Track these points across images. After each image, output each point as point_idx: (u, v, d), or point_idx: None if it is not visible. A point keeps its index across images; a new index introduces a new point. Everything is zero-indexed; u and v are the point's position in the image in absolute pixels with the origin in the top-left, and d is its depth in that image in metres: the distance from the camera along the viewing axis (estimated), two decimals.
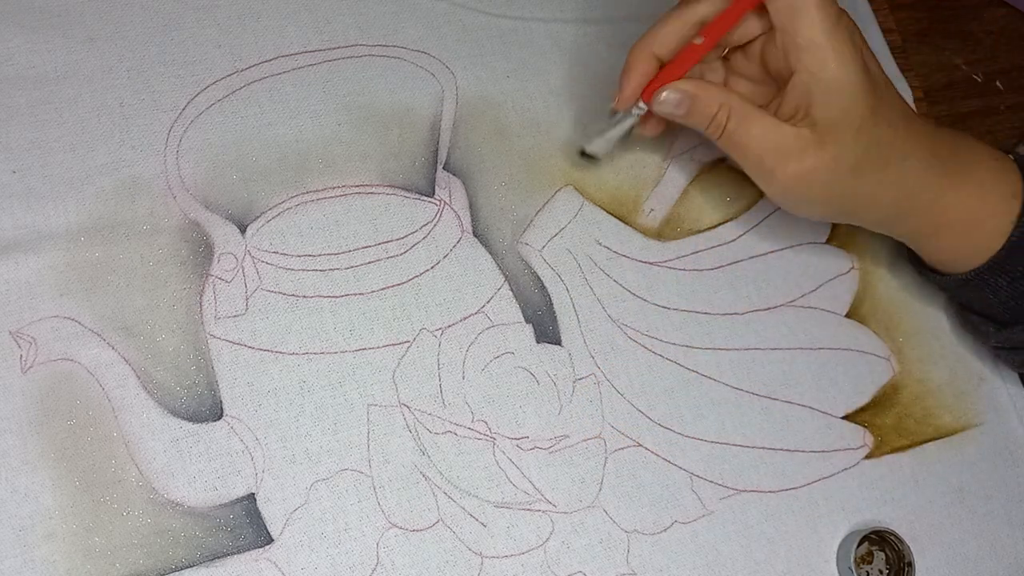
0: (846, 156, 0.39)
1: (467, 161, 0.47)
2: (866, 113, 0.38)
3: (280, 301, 0.42)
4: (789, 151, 0.39)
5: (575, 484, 0.42)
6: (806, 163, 0.39)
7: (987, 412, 0.49)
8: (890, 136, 0.39)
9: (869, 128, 0.38)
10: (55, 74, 0.43)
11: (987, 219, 0.42)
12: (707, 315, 0.47)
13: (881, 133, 0.39)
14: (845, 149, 0.39)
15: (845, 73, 0.37)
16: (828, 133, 0.38)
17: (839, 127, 0.38)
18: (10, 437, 0.37)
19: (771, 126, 0.39)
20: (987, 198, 0.42)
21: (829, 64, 0.38)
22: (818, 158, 0.39)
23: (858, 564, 0.44)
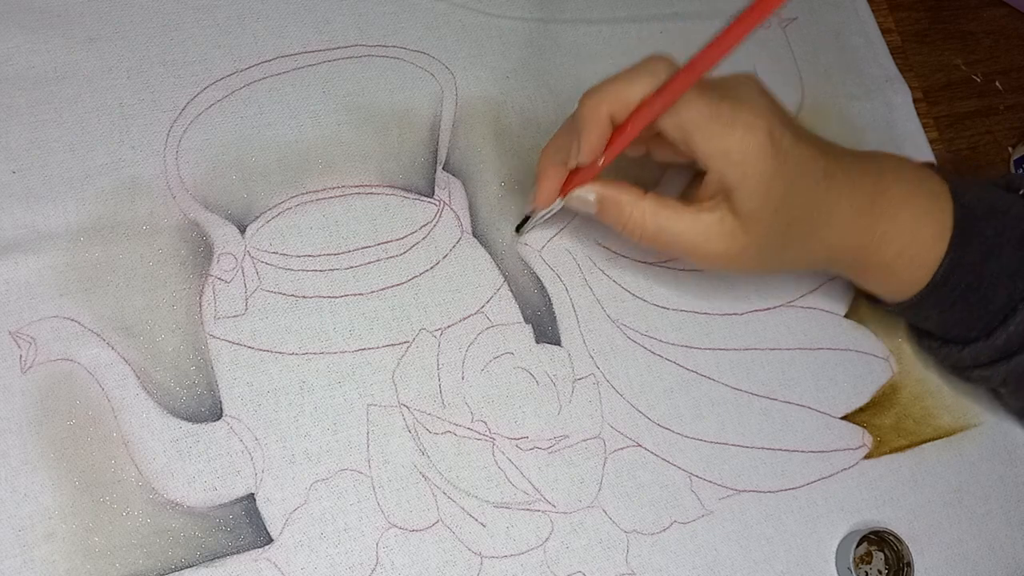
0: (771, 234, 0.39)
1: (467, 161, 0.47)
2: (782, 191, 0.38)
3: (280, 301, 0.42)
4: (716, 236, 0.39)
5: (574, 484, 0.42)
6: (735, 244, 0.39)
7: (986, 413, 0.49)
8: (812, 200, 0.39)
9: (789, 204, 0.38)
10: (55, 74, 0.43)
11: (914, 258, 0.42)
12: (706, 315, 0.47)
13: (802, 203, 0.39)
14: (769, 228, 0.39)
15: (756, 170, 0.37)
16: (749, 219, 0.38)
17: (758, 212, 0.38)
18: (10, 437, 0.37)
19: (692, 219, 0.39)
20: (913, 240, 0.41)
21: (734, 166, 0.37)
22: (746, 239, 0.39)
23: (857, 564, 0.44)
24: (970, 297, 0.42)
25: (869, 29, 0.56)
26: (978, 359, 0.44)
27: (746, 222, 0.38)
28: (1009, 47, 0.61)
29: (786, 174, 0.38)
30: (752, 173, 0.37)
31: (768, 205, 0.38)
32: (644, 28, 0.52)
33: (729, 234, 0.39)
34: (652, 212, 0.40)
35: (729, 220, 0.39)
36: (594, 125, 0.38)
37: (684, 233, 0.39)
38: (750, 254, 0.40)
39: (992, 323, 0.42)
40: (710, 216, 0.39)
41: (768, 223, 0.39)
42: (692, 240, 0.39)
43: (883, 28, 0.57)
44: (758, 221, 0.38)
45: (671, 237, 0.40)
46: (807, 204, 0.39)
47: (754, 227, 0.39)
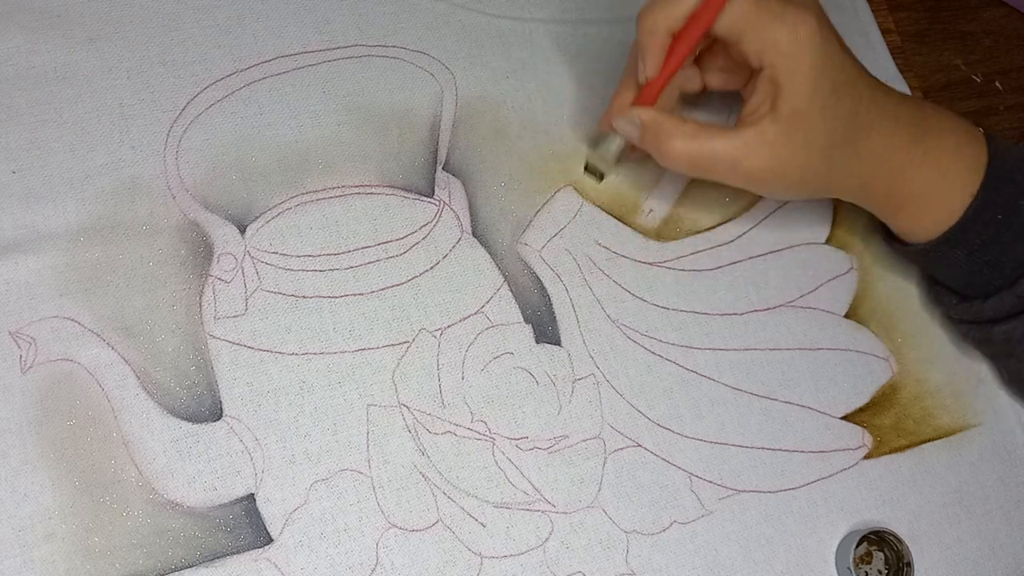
0: (815, 139, 0.39)
1: (467, 161, 0.47)
2: (828, 93, 0.39)
3: (280, 301, 0.42)
4: (758, 149, 0.39)
5: (574, 484, 0.42)
6: (777, 157, 0.39)
7: (986, 413, 0.49)
8: (854, 110, 0.40)
9: (833, 107, 0.39)
10: (55, 74, 0.43)
11: (947, 192, 0.42)
12: (706, 315, 0.47)
13: (845, 109, 0.39)
14: (813, 133, 0.39)
15: (805, 61, 0.38)
16: (794, 122, 0.39)
17: (804, 113, 0.39)
18: (10, 437, 0.37)
19: (731, 136, 0.40)
20: (949, 171, 0.42)
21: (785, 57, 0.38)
22: (788, 148, 0.39)
23: (857, 564, 0.44)
24: (1000, 238, 0.42)
25: (869, 29, 0.56)
26: (1000, 311, 0.43)
27: (788, 127, 0.39)
28: (1009, 47, 0.61)
29: (833, 72, 0.39)
30: (802, 65, 0.38)
31: (815, 103, 0.38)
32: None
33: (771, 145, 0.39)
34: (692, 135, 0.40)
35: (771, 131, 0.39)
36: (654, 40, 0.40)
37: (724, 150, 0.40)
38: (792, 165, 0.40)
39: (1018, 271, 0.42)
40: (751, 131, 0.39)
41: (811, 127, 0.39)
42: (733, 156, 0.40)
43: (883, 28, 0.57)
44: (801, 124, 0.39)
45: (711, 156, 0.40)
46: (850, 113, 0.39)
47: (797, 133, 0.39)
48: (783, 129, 0.39)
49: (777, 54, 0.38)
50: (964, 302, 0.46)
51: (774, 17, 0.38)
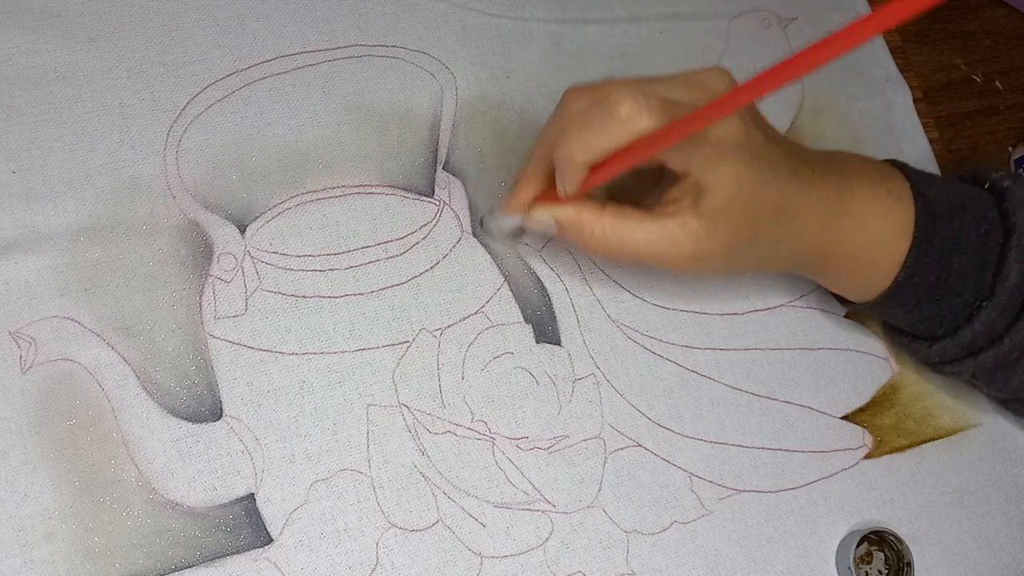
0: (738, 232, 0.39)
1: (467, 161, 0.47)
2: (752, 191, 0.38)
3: (280, 301, 0.42)
4: (681, 241, 0.39)
5: (574, 484, 0.42)
6: (701, 246, 0.39)
7: (985, 413, 0.49)
8: (779, 199, 0.39)
9: (757, 202, 0.38)
10: (55, 74, 0.43)
11: (877, 258, 0.42)
12: (706, 315, 0.47)
13: (769, 201, 0.39)
14: (736, 227, 0.39)
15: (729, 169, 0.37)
16: (716, 219, 0.38)
17: (727, 211, 0.38)
18: (10, 437, 0.37)
19: (655, 227, 0.39)
20: (876, 238, 0.41)
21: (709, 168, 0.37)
22: (711, 240, 0.39)
23: (857, 564, 0.44)
24: (935, 294, 0.42)
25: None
26: (946, 356, 0.44)
27: (711, 223, 0.38)
28: (1009, 47, 0.61)
29: (757, 173, 0.38)
30: (727, 173, 0.37)
31: (737, 204, 0.38)
32: (644, 28, 0.52)
33: (693, 238, 0.39)
34: (612, 227, 0.39)
35: (693, 224, 0.38)
36: (570, 171, 0.38)
37: (648, 243, 0.39)
38: (716, 255, 0.39)
39: (958, 320, 0.42)
40: (672, 222, 0.39)
41: (735, 223, 0.38)
42: (657, 248, 0.39)
43: None
44: (725, 221, 0.38)
45: (635, 248, 0.39)
46: (775, 203, 0.39)
47: (720, 227, 0.38)
48: (706, 223, 0.38)
49: (702, 166, 0.38)
50: (914, 342, 0.46)
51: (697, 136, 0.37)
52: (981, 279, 0.41)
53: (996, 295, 0.41)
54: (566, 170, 0.39)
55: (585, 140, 0.37)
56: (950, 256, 0.41)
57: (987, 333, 0.42)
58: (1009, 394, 0.45)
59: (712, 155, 0.37)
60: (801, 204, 0.40)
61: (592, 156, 0.38)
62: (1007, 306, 0.41)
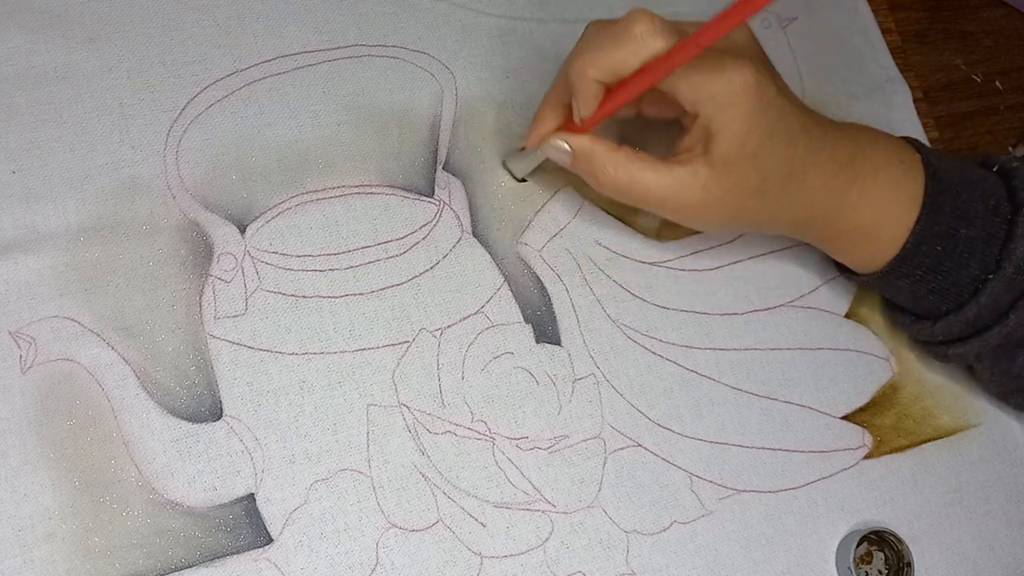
0: (746, 183, 0.39)
1: (467, 161, 0.47)
2: (761, 141, 0.38)
3: (280, 301, 0.42)
4: (688, 188, 0.39)
5: (574, 484, 0.42)
6: (708, 195, 0.39)
7: (985, 412, 0.49)
8: (788, 155, 0.39)
9: (766, 153, 0.39)
10: (55, 74, 0.43)
11: (885, 227, 0.42)
12: (706, 315, 0.47)
13: (779, 154, 0.39)
14: (744, 177, 0.39)
15: (739, 113, 0.38)
16: (725, 167, 0.39)
17: (736, 160, 0.38)
18: (10, 437, 0.37)
19: (665, 171, 0.39)
20: (885, 207, 0.42)
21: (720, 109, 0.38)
22: (720, 189, 0.39)
23: (857, 564, 0.44)
24: (941, 267, 0.42)
25: (869, 29, 0.56)
26: (950, 334, 0.43)
27: (721, 171, 0.39)
28: (1009, 47, 0.61)
29: (767, 122, 0.38)
30: (736, 116, 0.38)
31: (746, 150, 0.38)
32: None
33: (702, 186, 0.39)
34: (624, 165, 0.40)
35: (703, 172, 0.39)
36: (584, 89, 0.39)
37: (655, 185, 0.40)
38: (724, 204, 0.40)
39: (963, 296, 0.42)
40: (683, 169, 0.39)
41: (743, 172, 0.39)
42: (663, 192, 0.40)
43: (883, 28, 0.57)
44: (733, 169, 0.39)
45: (642, 189, 0.40)
46: (784, 157, 0.39)
47: (729, 176, 0.39)
48: (715, 172, 0.39)
49: (712, 105, 0.38)
50: (918, 322, 0.46)
51: (710, 71, 0.38)
52: (988, 252, 0.41)
53: (1003, 268, 0.41)
54: (580, 89, 0.39)
55: (598, 57, 0.38)
56: (958, 227, 0.41)
57: (993, 308, 0.41)
58: (1011, 380, 0.44)
59: (722, 94, 0.38)
60: (811, 163, 0.40)
61: (605, 74, 0.38)
62: (1013, 280, 0.41)
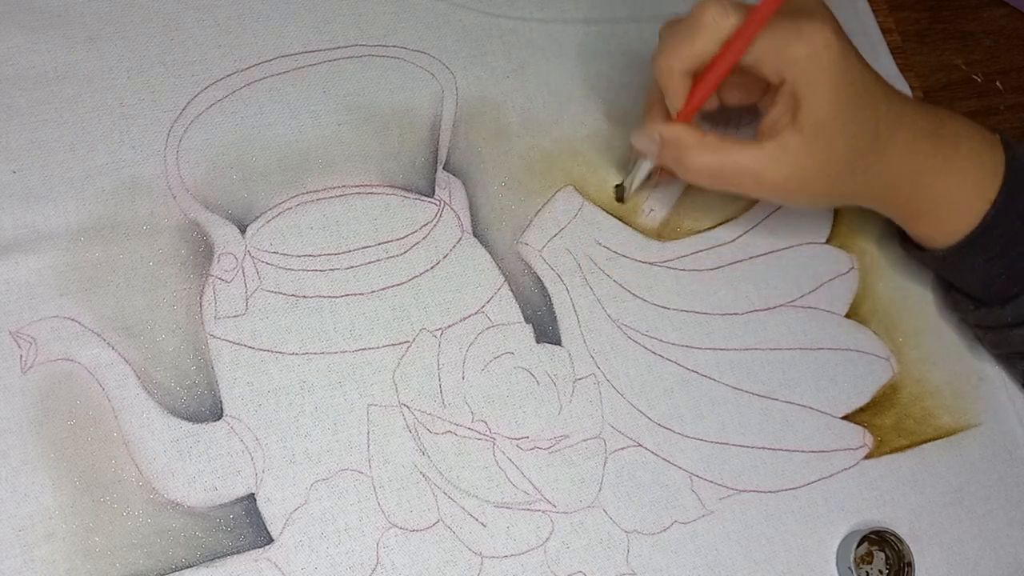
0: (836, 149, 0.40)
1: (467, 161, 0.47)
2: (848, 104, 0.39)
3: (280, 301, 0.42)
4: (780, 161, 0.40)
5: (575, 484, 0.42)
6: (799, 168, 0.40)
7: (986, 412, 0.49)
8: (874, 120, 0.40)
9: (853, 118, 0.39)
10: (55, 74, 0.43)
11: (966, 199, 0.42)
12: (707, 315, 0.47)
13: (865, 119, 0.40)
14: (834, 143, 0.39)
15: (825, 74, 0.38)
16: (815, 133, 0.39)
17: (825, 125, 0.39)
18: (10, 437, 0.37)
19: (753, 148, 0.40)
20: (967, 178, 0.42)
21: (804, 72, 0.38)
22: (811, 158, 0.39)
23: (858, 564, 0.44)
24: (1018, 245, 0.42)
25: (869, 29, 0.56)
26: (1018, 316, 0.44)
27: (811, 138, 0.39)
28: (1009, 47, 0.61)
29: (852, 84, 0.39)
30: (822, 78, 0.38)
31: (835, 114, 0.39)
32: (644, 28, 0.52)
33: (793, 156, 0.39)
34: (713, 147, 0.40)
35: (793, 143, 0.39)
36: (671, 85, 0.40)
37: (747, 163, 0.40)
38: (815, 179, 0.40)
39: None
40: (772, 143, 0.40)
41: (833, 136, 0.39)
42: (756, 168, 0.40)
43: (883, 28, 0.57)
44: (823, 133, 0.39)
45: (734, 169, 0.40)
46: (871, 120, 0.40)
47: (819, 142, 0.39)
48: (805, 140, 0.39)
49: (797, 69, 0.38)
50: (982, 307, 0.46)
51: (790, 34, 0.38)
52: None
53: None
54: (667, 83, 0.40)
55: (677, 50, 0.39)
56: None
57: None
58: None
59: (805, 56, 0.38)
60: (895, 131, 0.40)
61: (687, 63, 0.39)
62: None
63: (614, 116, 0.50)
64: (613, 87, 0.50)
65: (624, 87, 0.50)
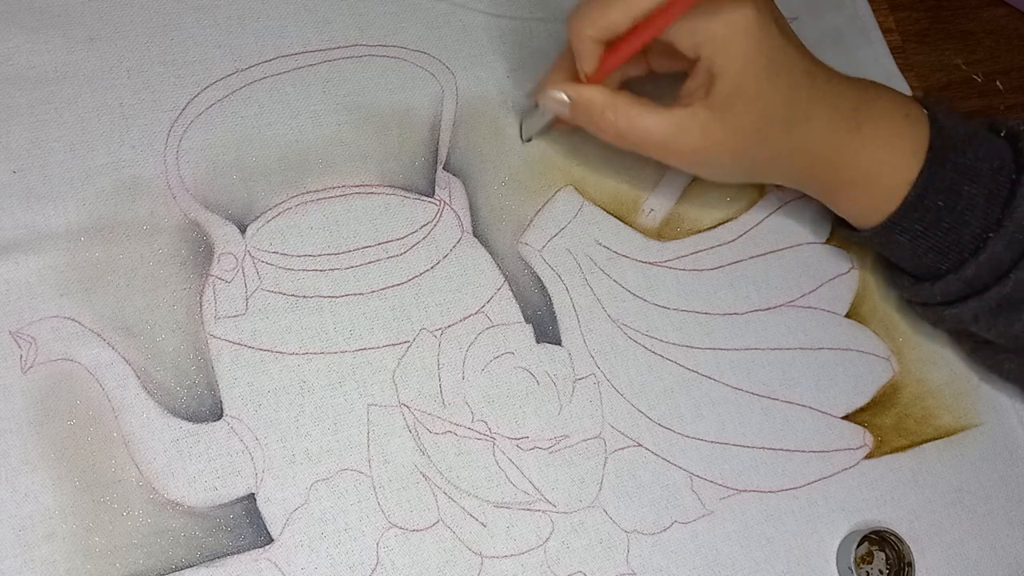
0: (747, 123, 0.39)
1: (467, 161, 0.47)
2: (762, 80, 0.39)
3: (280, 301, 0.42)
4: (688, 130, 0.40)
5: (575, 484, 0.42)
6: (708, 138, 0.40)
7: (987, 412, 0.49)
8: (791, 98, 0.40)
9: (767, 93, 0.39)
10: (55, 74, 0.43)
11: (886, 179, 0.42)
12: (707, 315, 0.47)
13: (780, 96, 0.39)
14: (745, 118, 0.39)
15: (739, 50, 0.38)
16: (726, 106, 0.39)
17: (736, 99, 0.39)
18: (10, 437, 0.37)
19: (664, 115, 0.40)
20: (888, 158, 0.42)
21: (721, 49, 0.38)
22: (719, 131, 0.39)
23: (858, 564, 0.44)
24: (942, 223, 0.42)
25: (869, 29, 0.56)
26: (948, 294, 0.43)
27: (720, 112, 0.39)
28: (1009, 47, 0.61)
29: (768, 61, 0.38)
30: (736, 54, 0.38)
31: (746, 89, 0.38)
32: None
33: (701, 127, 0.39)
34: (623, 109, 0.40)
35: (703, 113, 0.39)
36: (582, 49, 0.40)
37: (655, 128, 0.40)
38: (722, 149, 0.40)
39: (963, 254, 0.42)
40: (683, 111, 0.40)
41: (743, 112, 0.39)
42: (663, 135, 0.40)
43: (883, 27, 0.57)
44: (732, 109, 0.39)
45: (642, 133, 0.40)
46: (786, 98, 0.39)
47: (728, 116, 0.39)
48: (714, 113, 0.39)
49: (711, 46, 0.38)
50: (917, 283, 0.46)
51: (708, 12, 0.38)
52: (990, 211, 0.41)
53: (1004, 227, 0.41)
54: (579, 48, 0.40)
55: (594, 16, 0.39)
56: (960, 184, 0.41)
57: (993, 267, 0.41)
58: (1009, 340, 0.44)
59: (722, 35, 0.38)
60: (813, 108, 0.40)
61: (602, 32, 0.39)
62: (1014, 239, 0.41)
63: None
64: None
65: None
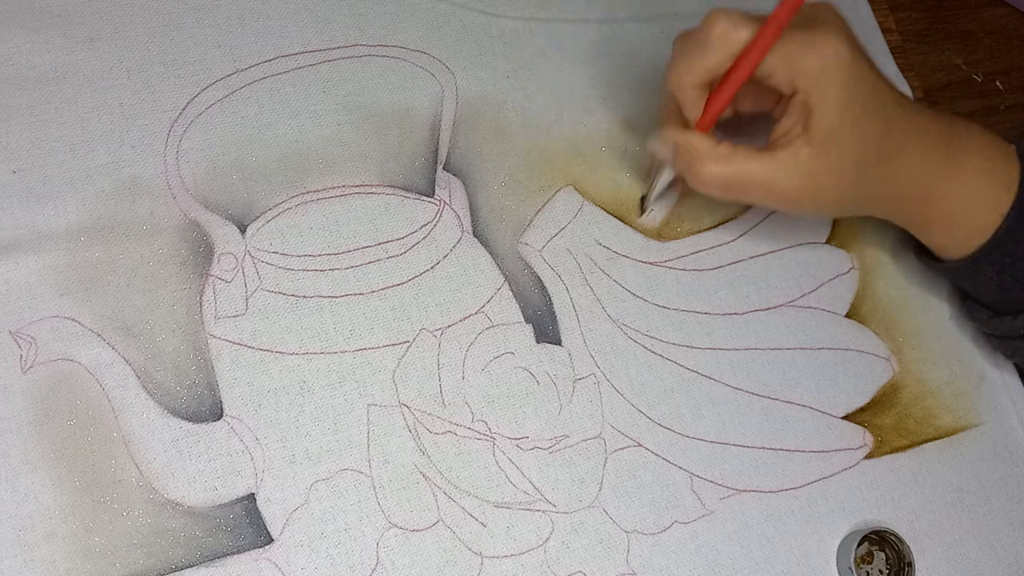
0: (847, 158, 0.39)
1: (467, 161, 0.47)
2: (859, 113, 0.39)
3: (280, 301, 0.42)
4: (792, 170, 0.40)
5: (575, 484, 0.42)
6: (811, 178, 0.40)
7: (987, 412, 0.49)
8: (885, 130, 0.40)
9: (864, 127, 0.39)
10: (55, 74, 0.43)
11: (978, 210, 0.42)
12: (707, 315, 0.47)
13: (876, 128, 0.40)
14: (845, 152, 0.39)
15: (836, 84, 0.38)
16: (826, 143, 0.39)
17: (836, 134, 0.39)
18: (10, 437, 0.37)
19: (765, 158, 0.40)
20: (980, 189, 0.42)
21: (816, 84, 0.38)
22: (822, 168, 0.39)
23: (858, 564, 0.44)
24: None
25: (869, 29, 0.56)
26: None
27: (821, 148, 0.39)
28: (1009, 47, 0.61)
29: (863, 92, 0.39)
30: (833, 87, 0.38)
31: (845, 122, 0.39)
32: (644, 28, 0.52)
33: (805, 166, 0.39)
34: (725, 158, 0.40)
35: (804, 152, 0.39)
36: (686, 98, 0.41)
37: (758, 172, 0.40)
38: (826, 188, 0.40)
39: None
40: (784, 152, 0.40)
41: (844, 146, 0.39)
42: (767, 178, 0.40)
43: (883, 28, 0.57)
44: (834, 144, 0.39)
45: (745, 179, 0.40)
46: (882, 130, 0.40)
47: (830, 152, 0.39)
48: (816, 150, 0.39)
49: (808, 80, 0.38)
50: (996, 317, 0.46)
51: (802, 45, 0.38)
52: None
53: None
54: (681, 97, 0.41)
55: (688, 63, 0.40)
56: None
57: None
58: None
59: (818, 67, 0.38)
60: (907, 140, 0.41)
61: (699, 77, 0.40)
62: None
63: (614, 115, 0.50)
64: (613, 87, 0.50)
65: (624, 86, 0.50)
